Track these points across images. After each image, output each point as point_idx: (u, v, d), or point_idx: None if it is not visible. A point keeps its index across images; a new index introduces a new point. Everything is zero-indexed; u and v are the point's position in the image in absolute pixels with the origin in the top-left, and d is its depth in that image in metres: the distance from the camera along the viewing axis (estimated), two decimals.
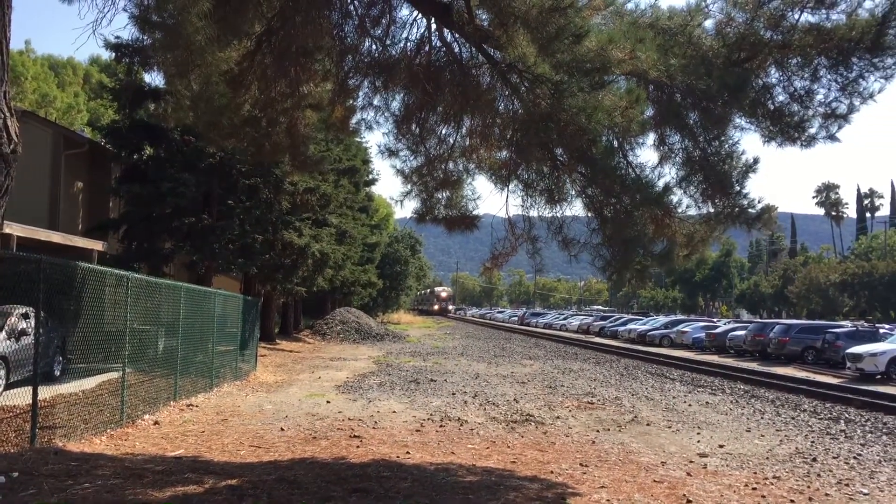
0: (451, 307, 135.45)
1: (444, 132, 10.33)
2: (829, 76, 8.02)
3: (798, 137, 8.22)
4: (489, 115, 9.51)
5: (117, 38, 22.68)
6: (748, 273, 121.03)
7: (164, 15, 8.66)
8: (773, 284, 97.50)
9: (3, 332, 12.73)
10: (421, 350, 36.39)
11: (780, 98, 8.39)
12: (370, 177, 53.46)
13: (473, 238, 12.98)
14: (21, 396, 10.35)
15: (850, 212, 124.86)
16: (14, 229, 17.50)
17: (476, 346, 41.26)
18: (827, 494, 9.15)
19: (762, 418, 15.85)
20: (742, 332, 36.98)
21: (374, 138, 73.56)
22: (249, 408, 14.80)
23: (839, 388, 21.49)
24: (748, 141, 10.41)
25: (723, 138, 8.76)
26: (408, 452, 10.78)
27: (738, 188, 8.74)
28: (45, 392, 11.04)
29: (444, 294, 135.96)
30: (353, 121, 10.42)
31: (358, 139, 42.31)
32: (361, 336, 43.35)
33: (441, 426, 13.30)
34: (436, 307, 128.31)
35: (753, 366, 29.86)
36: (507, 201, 10.32)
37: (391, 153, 10.45)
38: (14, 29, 3.76)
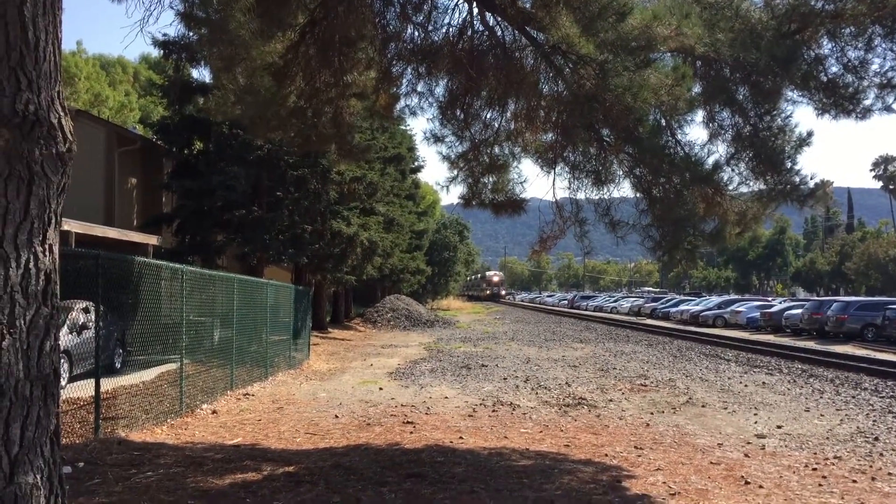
0: (502, 292, 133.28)
1: (488, 116, 10.28)
2: (884, 45, 7.78)
3: (853, 109, 7.99)
4: (533, 98, 9.43)
5: (164, 35, 23.19)
6: (804, 250, 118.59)
7: (209, 11, 8.79)
8: (830, 261, 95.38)
9: (65, 327, 13.09)
10: (471, 336, 36.46)
11: (834, 69, 8.16)
12: (416, 164, 53.57)
13: (520, 222, 12.96)
14: (84, 389, 10.66)
15: None
16: (72, 226, 17.97)
17: (526, 331, 41.19)
18: (890, 474, 8.94)
19: (821, 398, 15.54)
20: (798, 311, 36.27)
21: (419, 125, 73.62)
22: (304, 396, 15.01)
23: None
24: (801, 115, 10.17)
25: (774, 112, 8.55)
26: (461, 437, 10.83)
27: (789, 164, 8.53)
28: (107, 384, 11.35)
29: (495, 278, 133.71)
30: (398, 108, 10.44)
31: (403, 127, 42.49)
32: (411, 323, 43.59)
33: (493, 411, 13.33)
34: (487, 292, 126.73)
35: (811, 345, 29.29)
36: (553, 184, 10.26)
37: (436, 139, 10.44)
38: (65, 30, 3.84)
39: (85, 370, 12.51)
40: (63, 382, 11.02)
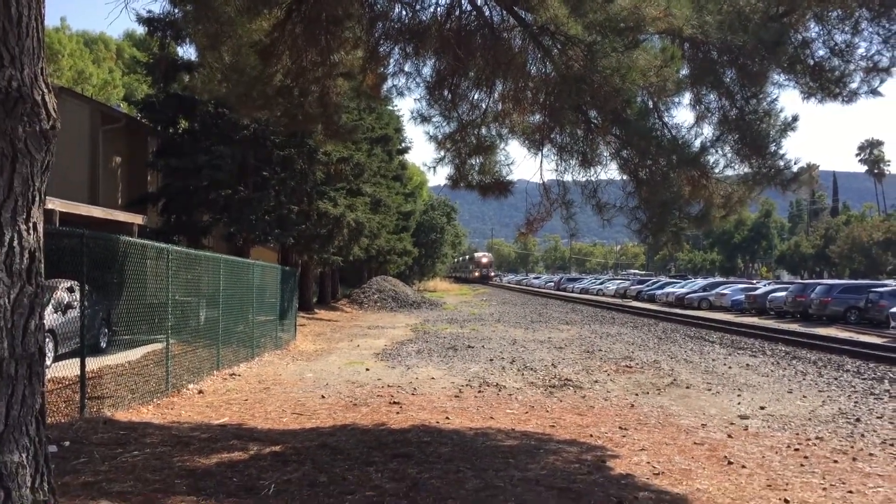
0: (492, 273, 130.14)
1: (476, 97, 10.25)
2: (870, 28, 7.80)
3: (839, 93, 8.02)
4: (521, 79, 9.40)
5: (149, 12, 22.97)
6: (788, 233, 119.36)
7: None
8: (815, 244, 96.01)
9: (50, 306, 13.02)
10: (458, 317, 36.55)
11: (820, 53, 8.18)
12: (403, 145, 53.45)
13: (508, 204, 12.95)
14: (69, 368, 10.62)
15: (893, 169, 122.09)
16: (56, 205, 17.83)
17: (512, 313, 41.32)
18: (871, 454, 9.06)
19: (804, 379, 15.70)
20: (782, 294, 36.59)
21: (406, 105, 73.24)
22: (290, 376, 15.02)
23: (883, 348, 21.18)
24: (788, 99, 10.19)
25: (760, 96, 8.56)
26: (447, 418, 10.88)
27: (773, 148, 8.55)
28: (93, 363, 11.32)
29: (484, 260, 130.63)
30: (385, 88, 10.37)
31: (390, 107, 42.37)
32: (398, 304, 43.65)
33: (479, 392, 13.39)
34: (476, 274, 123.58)
35: (794, 327, 29.56)
36: (541, 165, 10.26)
37: (423, 119, 10.39)
38: (49, 5, 3.80)
39: (70, 350, 12.46)
40: (48, 362, 10.98)
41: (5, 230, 3.42)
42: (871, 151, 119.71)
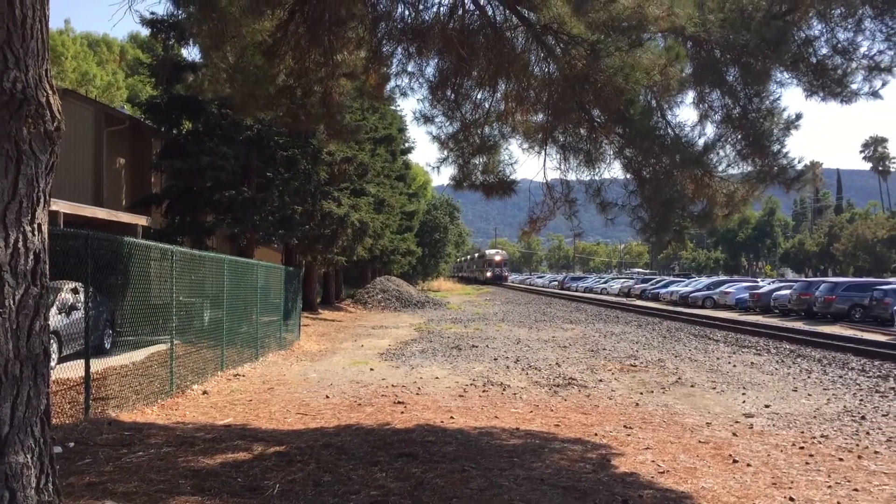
0: (506, 273, 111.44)
1: (479, 97, 10.24)
2: (873, 27, 7.77)
3: (840, 92, 8.00)
4: (524, 78, 9.40)
5: (152, 13, 23.00)
6: (793, 231, 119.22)
7: None
8: (819, 242, 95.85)
9: (55, 308, 13.04)
10: (461, 317, 36.54)
11: (823, 51, 8.16)
12: (406, 145, 53.52)
13: (511, 203, 12.95)
14: (74, 369, 10.64)
15: None
16: (60, 206, 17.86)
17: (516, 312, 41.30)
18: (877, 452, 9.04)
19: (809, 377, 15.67)
20: (787, 292, 36.51)
21: (409, 105, 73.16)
22: (294, 376, 15.03)
23: (888, 346, 21.12)
24: (791, 97, 10.18)
25: (763, 94, 8.55)
26: (451, 418, 10.88)
27: (776, 147, 8.53)
28: (97, 365, 11.34)
29: (497, 258, 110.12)
30: (388, 88, 10.38)
31: (393, 107, 42.37)
32: (402, 304, 43.65)
33: (484, 391, 13.39)
34: (488, 274, 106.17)
35: (799, 325, 29.51)
36: (544, 165, 10.25)
37: (426, 119, 10.40)
38: (52, 7, 3.81)
39: (74, 351, 12.48)
40: (53, 363, 11.01)
41: (10, 231, 3.43)
42: (875, 149, 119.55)
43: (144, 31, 29.53)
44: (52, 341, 12.68)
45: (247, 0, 7.97)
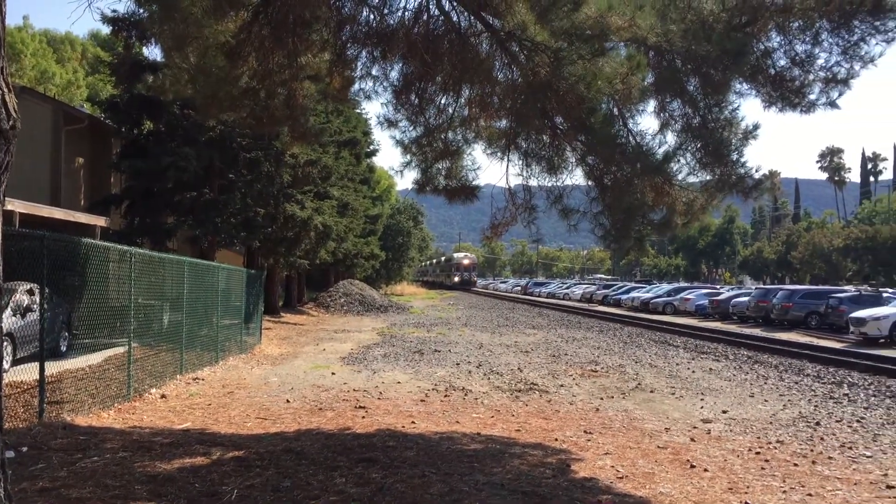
0: (475, 278, 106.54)
1: (443, 102, 10.25)
2: (830, 39, 7.93)
3: (798, 103, 8.15)
4: (488, 85, 9.43)
5: (114, 11, 22.59)
6: (751, 239, 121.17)
7: None
8: (777, 250, 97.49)
9: (9, 309, 12.79)
10: (424, 321, 36.52)
11: (781, 63, 8.30)
12: (371, 148, 53.33)
13: (475, 209, 12.99)
14: (28, 372, 10.43)
15: (853, 176, 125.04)
16: (16, 206, 17.52)
17: (479, 317, 41.39)
18: (830, 458, 9.22)
19: (765, 384, 15.93)
20: (745, 299, 37.07)
21: (374, 109, 72.77)
22: (255, 380, 14.90)
23: (842, 353, 21.56)
24: (750, 108, 10.36)
25: (723, 104, 8.69)
26: (413, 422, 10.87)
27: (735, 156, 8.68)
28: (52, 367, 11.13)
29: (466, 261, 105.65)
30: (352, 91, 10.34)
31: (357, 110, 42.26)
32: (365, 308, 43.50)
33: (445, 396, 13.39)
34: (455, 279, 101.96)
35: (757, 332, 29.96)
36: (507, 171, 10.31)
37: (390, 123, 10.39)
38: (10, 3, 3.74)
39: (29, 353, 12.23)
40: (6, 365, 10.78)
41: None
42: (831, 159, 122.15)
43: (105, 29, 29.07)
44: (5, 343, 12.44)
45: (209, 1, 7.89)
